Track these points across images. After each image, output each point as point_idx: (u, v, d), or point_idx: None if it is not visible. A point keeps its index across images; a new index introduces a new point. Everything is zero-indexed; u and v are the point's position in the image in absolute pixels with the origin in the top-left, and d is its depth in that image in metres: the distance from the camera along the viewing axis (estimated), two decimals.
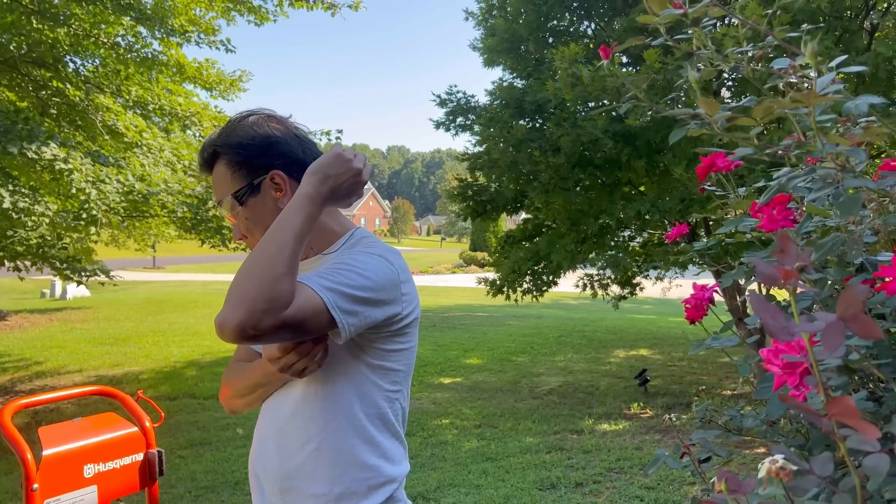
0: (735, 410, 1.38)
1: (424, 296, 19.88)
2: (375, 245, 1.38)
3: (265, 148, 1.36)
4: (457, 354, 10.16)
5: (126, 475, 2.12)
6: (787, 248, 0.59)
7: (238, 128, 1.39)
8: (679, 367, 8.86)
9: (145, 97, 8.47)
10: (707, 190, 1.53)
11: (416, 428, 6.24)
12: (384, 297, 1.27)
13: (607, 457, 5.07)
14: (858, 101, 0.78)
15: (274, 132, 1.38)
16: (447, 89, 7.41)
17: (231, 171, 1.37)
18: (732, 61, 0.89)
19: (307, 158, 1.37)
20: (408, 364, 1.44)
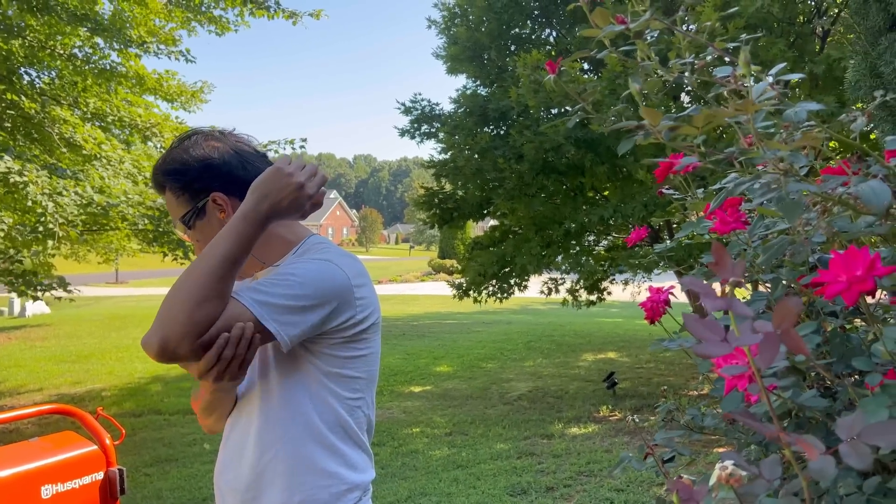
0: (696, 410, 1.40)
1: (393, 304, 19.83)
2: (326, 250, 1.37)
3: (201, 171, 1.36)
4: (426, 362, 10.14)
5: (86, 495, 2.07)
6: (721, 261, 0.60)
7: (175, 153, 1.38)
8: (647, 368, 8.96)
9: (104, 109, 8.33)
10: (666, 193, 1.56)
11: (387, 437, 6.21)
12: (327, 301, 1.26)
13: (577, 460, 5.10)
14: (798, 108, 0.80)
15: (210, 153, 1.37)
16: (412, 97, 7.44)
17: (175, 196, 1.37)
18: (675, 72, 0.91)
19: (248, 175, 1.34)
20: (369, 371, 1.42)
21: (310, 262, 1.29)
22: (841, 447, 0.58)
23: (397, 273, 32.44)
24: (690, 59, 0.90)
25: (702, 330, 0.61)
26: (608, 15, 0.87)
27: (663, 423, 1.55)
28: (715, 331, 0.61)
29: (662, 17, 0.83)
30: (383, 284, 28.11)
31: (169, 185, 1.37)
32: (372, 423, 1.48)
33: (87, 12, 7.27)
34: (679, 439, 1.47)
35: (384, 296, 22.54)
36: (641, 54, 0.91)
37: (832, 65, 5.24)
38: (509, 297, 7.63)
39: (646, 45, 0.90)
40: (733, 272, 0.60)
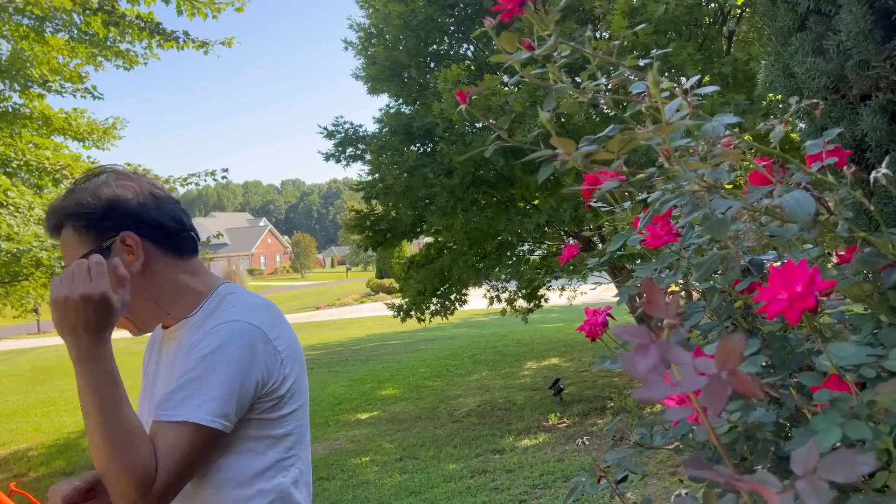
0: (645, 428, 1.37)
1: (334, 329, 19.52)
2: (235, 305, 1.29)
3: (113, 209, 1.27)
4: (372, 387, 9.98)
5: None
6: (653, 300, 0.55)
7: (82, 190, 1.29)
8: (590, 371, 9.05)
9: (8, 154, 7.91)
10: (593, 206, 1.53)
11: (336, 470, 6.04)
12: (255, 374, 1.19)
13: (530, 473, 5.07)
14: (714, 123, 0.77)
15: (123, 192, 1.29)
16: (333, 121, 7.33)
17: (77, 235, 1.27)
18: (590, 93, 0.87)
19: (163, 217, 1.31)
20: (300, 424, 1.34)
21: (223, 339, 1.19)
22: (798, 484, 0.54)
23: (336, 297, 32.04)
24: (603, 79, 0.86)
25: (644, 372, 0.56)
26: (514, 39, 0.82)
27: (612, 441, 1.51)
28: (658, 372, 0.56)
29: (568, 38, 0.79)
30: (322, 310, 27.69)
31: (70, 223, 1.27)
32: (308, 473, 1.39)
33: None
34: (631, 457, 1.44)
35: (324, 322, 22.19)
36: (553, 77, 0.87)
37: (739, 66, 5.43)
38: (452, 313, 7.59)
39: (555, 68, 0.86)
40: (668, 312, 0.55)
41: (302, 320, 23.31)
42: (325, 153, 7.41)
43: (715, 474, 0.56)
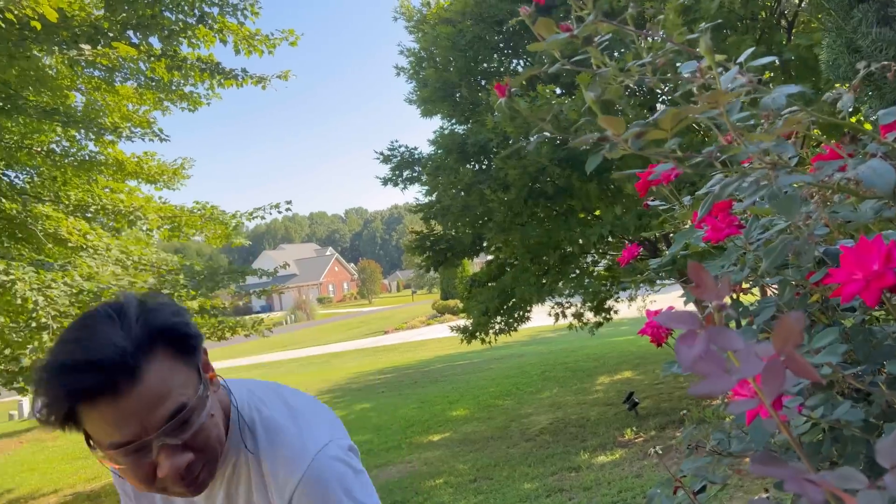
0: (723, 433, 1.29)
1: (402, 352, 19.61)
2: (283, 429, 1.08)
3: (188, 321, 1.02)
4: (442, 408, 9.93)
5: None
6: (701, 282, 0.50)
7: (156, 304, 0.98)
8: (666, 383, 8.77)
9: (86, 200, 8.31)
10: (652, 206, 1.47)
11: (410, 493, 6.00)
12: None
13: (608, 490, 4.91)
14: (775, 94, 0.71)
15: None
16: (389, 145, 7.42)
17: (179, 361, 0.96)
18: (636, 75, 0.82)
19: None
20: None
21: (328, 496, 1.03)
22: (886, 478, 0.48)
23: (403, 320, 32.25)
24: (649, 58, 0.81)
25: (700, 365, 0.51)
26: (552, 24, 0.78)
27: (688, 450, 1.43)
28: (714, 361, 0.51)
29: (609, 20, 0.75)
30: (390, 334, 27.89)
31: (161, 344, 0.93)
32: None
33: (58, 106, 7.30)
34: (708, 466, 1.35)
35: (392, 346, 22.32)
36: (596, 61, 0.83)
37: (802, 53, 5.22)
38: (516, 330, 7.50)
39: (597, 51, 0.82)
40: (717, 293, 0.50)
41: (371, 345, 23.53)
42: (383, 178, 7.49)
43: (786, 472, 0.50)
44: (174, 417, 0.91)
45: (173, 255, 9.07)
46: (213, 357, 1.10)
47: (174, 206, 9.06)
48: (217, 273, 8.45)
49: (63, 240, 7.46)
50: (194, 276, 7.95)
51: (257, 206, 8.99)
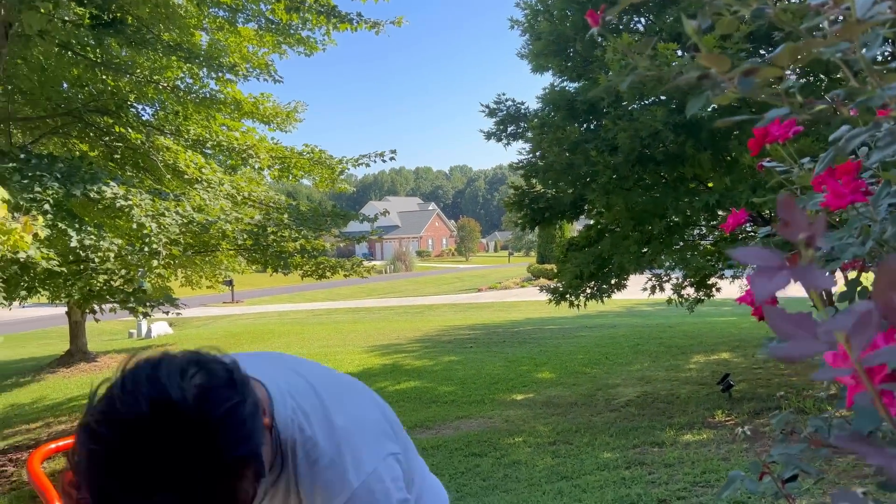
0: (821, 420, 1.16)
1: (493, 311, 19.65)
2: (324, 455, 1.03)
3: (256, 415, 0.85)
4: (528, 369, 9.90)
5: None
6: (791, 216, 0.41)
7: (226, 424, 0.78)
8: (765, 368, 8.34)
9: (203, 135, 8.70)
10: (767, 167, 1.32)
11: (488, 448, 6.04)
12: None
13: (691, 470, 4.74)
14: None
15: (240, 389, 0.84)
16: (495, 98, 7.27)
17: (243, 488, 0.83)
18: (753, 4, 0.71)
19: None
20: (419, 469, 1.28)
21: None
22: None
23: (497, 280, 32.29)
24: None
25: (786, 325, 0.43)
26: None
27: (781, 436, 1.31)
28: (805, 326, 0.43)
29: None
30: (483, 292, 28.02)
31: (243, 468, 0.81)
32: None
33: (181, 42, 7.61)
34: (802, 455, 1.23)
35: (485, 304, 22.43)
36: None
37: None
38: (609, 297, 7.28)
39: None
40: (809, 227, 0.41)
41: (464, 301, 23.74)
42: (487, 132, 7.38)
43: (870, 447, 0.41)
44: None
45: (281, 195, 9.39)
46: (315, 298, 1.07)
47: (285, 147, 9.34)
48: (321, 215, 8.69)
49: (180, 172, 7.87)
50: (299, 216, 8.20)
51: (363, 154, 9.14)
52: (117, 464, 0.72)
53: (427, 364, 11.03)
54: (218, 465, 0.76)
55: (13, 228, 4.57)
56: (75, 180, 5.57)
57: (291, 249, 7.68)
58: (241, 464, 0.79)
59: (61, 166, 5.76)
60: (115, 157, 8.17)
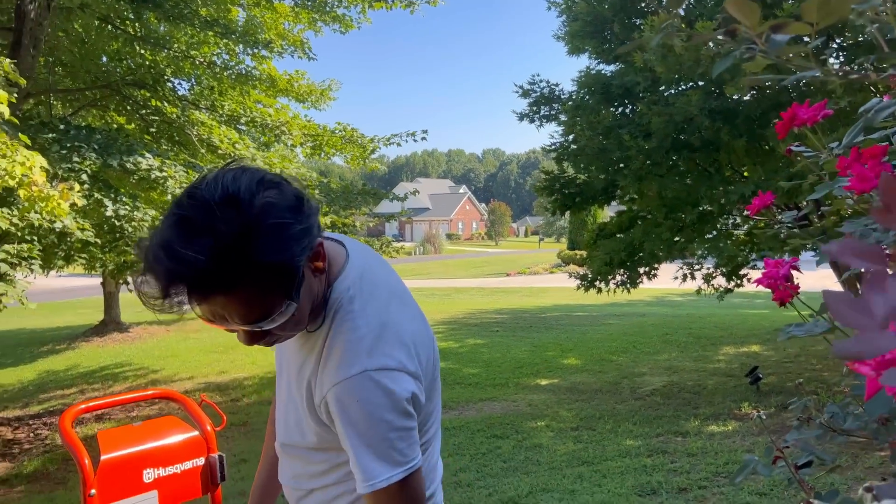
0: (837, 406, 1.13)
1: (521, 296, 19.60)
2: (357, 329, 1.09)
3: (303, 217, 1.01)
4: (554, 355, 9.87)
5: (187, 480, 2.07)
6: (892, 202, 0.37)
7: (268, 226, 0.96)
8: (796, 363, 8.20)
9: (238, 111, 8.77)
10: (796, 152, 1.28)
11: (510, 430, 6.05)
12: (403, 413, 1.09)
13: (714, 460, 4.69)
14: None
15: (292, 189, 1.03)
16: (529, 79, 7.18)
17: (268, 291, 1.00)
18: None
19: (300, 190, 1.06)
20: (433, 421, 1.27)
21: (358, 409, 1.06)
22: None
23: (526, 265, 32.18)
24: None
25: (851, 313, 0.37)
26: None
27: (797, 422, 1.28)
28: (868, 312, 0.36)
29: None
30: (511, 277, 27.96)
31: (252, 279, 0.97)
32: (436, 451, 1.31)
33: (218, 18, 7.65)
34: (818, 441, 1.20)
35: (513, 288, 22.38)
36: None
37: None
38: (637, 286, 7.20)
39: None
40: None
41: (492, 285, 23.72)
42: (520, 113, 7.31)
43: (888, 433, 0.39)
44: (252, 324, 1.02)
45: (312, 172, 9.44)
46: None
47: (318, 124, 9.37)
48: (351, 193, 8.72)
49: (214, 146, 7.95)
50: (330, 193, 8.25)
51: (394, 133, 9.13)
52: (182, 223, 0.93)
53: (453, 346, 11.06)
54: (247, 257, 0.94)
55: (51, 195, 4.67)
56: (112, 151, 5.67)
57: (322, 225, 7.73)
58: (268, 269, 0.97)
59: (99, 138, 5.86)
60: (150, 131, 8.29)
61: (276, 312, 1.01)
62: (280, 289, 1.00)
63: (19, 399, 9.33)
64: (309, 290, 1.06)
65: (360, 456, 1.06)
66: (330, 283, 1.13)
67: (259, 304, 1.00)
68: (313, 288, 1.08)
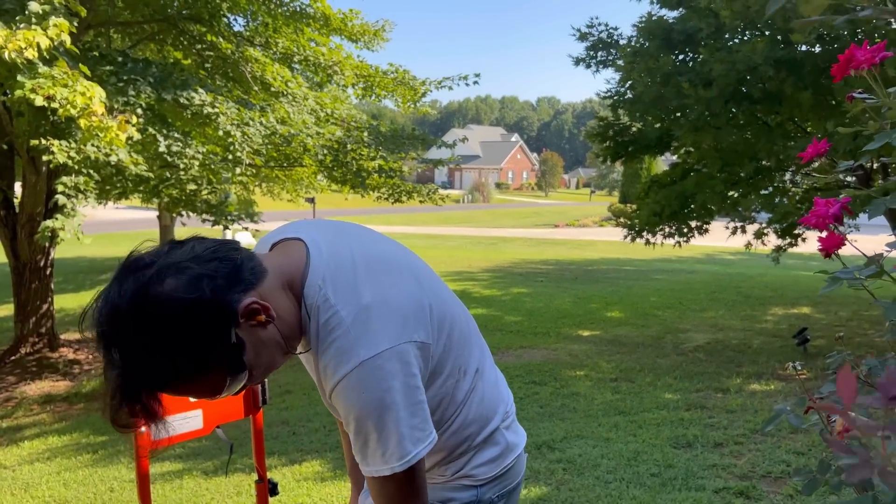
0: (877, 361, 1.10)
1: (569, 248, 19.47)
2: (341, 325, 1.06)
3: (203, 310, 0.96)
4: (597, 307, 9.83)
5: (230, 402, 2.15)
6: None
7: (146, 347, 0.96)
8: (847, 327, 7.99)
9: (291, 49, 8.76)
10: (856, 98, 1.21)
11: (549, 378, 6.09)
12: (412, 387, 1.08)
13: (753, 418, 4.65)
14: None
15: (185, 280, 0.97)
16: (588, 22, 6.95)
17: (200, 377, 1.02)
18: None
19: (231, 255, 1.03)
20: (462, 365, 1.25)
21: (364, 400, 1.04)
22: None
23: (575, 218, 31.86)
24: None
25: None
26: None
27: (833, 375, 1.25)
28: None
29: None
30: (560, 228, 27.74)
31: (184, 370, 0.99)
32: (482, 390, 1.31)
33: None
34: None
35: (560, 240, 22.23)
36: None
37: None
38: (687, 241, 7.04)
39: None
40: None
41: (539, 236, 23.60)
42: (576, 58, 7.11)
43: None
44: (213, 398, 1.07)
45: (363, 113, 9.43)
46: (390, 222, 1.14)
47: (370, 65, 9.30)
48: (400, 137, 8.70)
49: (267, 84, 7.99)
50: (379, 136, 8.24)
51: (446, 76, 9.02)
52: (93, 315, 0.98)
53: (496, 294, 11.11)
54: (156, 368, 0.97)
55: (110, 126, 4.79)
56: (167, 85, 5.75)
57: (370, 168, 7.75)
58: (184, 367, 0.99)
59: (155, 71, 5.95)
60: (205, 66, 8.36)
61: (224, 387, 1.03)
62: (212, 372, 1.01)
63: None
64: (260, 342, 1.03)
65: (387, 438, 1.05)
66: (298, 297, 1.09)
67: (205, 388, 1.03)
68: (265, 337, 1.04)
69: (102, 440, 5.44)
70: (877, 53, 1.01)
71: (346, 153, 7.41)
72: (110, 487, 4.23)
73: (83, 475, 4.54)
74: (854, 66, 1.05)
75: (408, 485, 1.09)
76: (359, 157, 7.51)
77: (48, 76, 4.55)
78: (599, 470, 3.79)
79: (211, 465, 4.50)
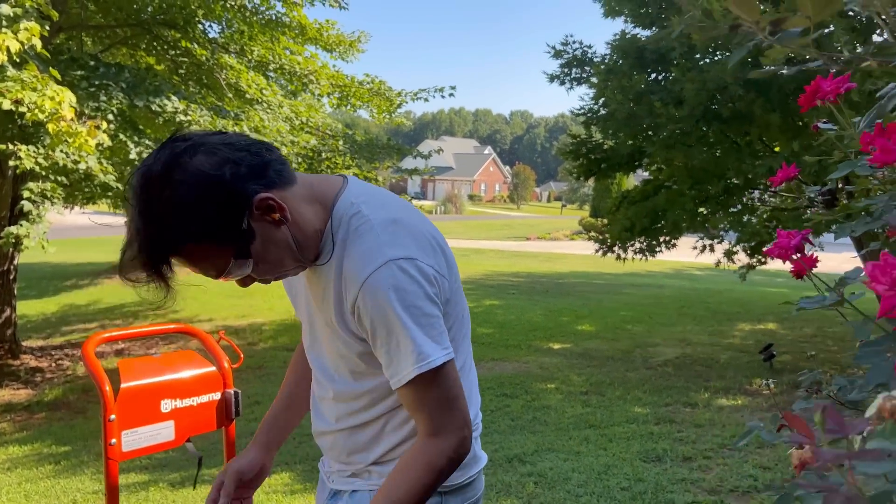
0: (845, 379, 1.13)
1: (540, 261, 19.58)
2: (370, 233, 1.11)
3: (221, 188, 1.04)
4: (568, 321, 9.90)
5: (203, 413, 2.13)
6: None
7: (171, 200, 1.03)
8: (812, 343, 8.16)
9: (267, 57, 8.73)
10: (823, 129, 1.26)
11: (520, 391, 6.12)
12: (431, 298, 1.12)
13: (721, 432, 4.72)
14: None
15: (213, 160, 1.04)
16: (563, 39, 7.04)
17: (208, 247, 1.08)
18: None
19: (262, 153, 1.10)
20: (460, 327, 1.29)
21: (384, 297, 1.07)
22: None
23: (547, 231, 32.08)
24: None
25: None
26: None
27: (805, 393, 1.29)
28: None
29: None
30: (532, 241, 27.91)
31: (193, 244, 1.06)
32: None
33: None
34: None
35: (531, 252, 22.37)
36: None
37: None
38: (655, 255, 7.14)
39: None
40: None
41: (511, 248, 23.72)
42: (550, 74, 7.19)
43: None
44: (215, 277, 1.13)
45: (337, 122, 9.42)
46: None
47: (346, 75, 9.31)
48: (375, 146, 8.71)
49: (242, 91, 7.95)
50: (354, 145, 8.24)
51: (422, 88, 9.06)
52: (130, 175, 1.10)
53: (468, 305, 11.12)
54: (169, 232, 1.05)
55: (79, 131, 4.72)
56: (139, 91, 5.69)
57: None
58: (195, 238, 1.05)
59: (127, 76, 5.88)
60: (179, 72, 8.29)
61: (226, 269, 1.09)
62: (219, 249, 1.08)
63: (42, 330, 9.58)
64: (271, 239, 1.09)
65: (409, 338, 1.07)
66: (328, 210, 1.15)
67: (209, 264, 1.10)
68: (278, 237, 1.09)
69: (65, 450, 5.32)
70: (842, 84, 1.04)
71: (321, 161, 7.40)
72: (73, 499, 4.14)
73: (45, 486, 4.43)
74: (820, 96, 1.08)
75: (437, 387, 1.11)
76: (333, 165, 7.50)
77: (17, 80, 4.47)
78: (570, 483, 3.81)
79: (178, 477, 4.43)
